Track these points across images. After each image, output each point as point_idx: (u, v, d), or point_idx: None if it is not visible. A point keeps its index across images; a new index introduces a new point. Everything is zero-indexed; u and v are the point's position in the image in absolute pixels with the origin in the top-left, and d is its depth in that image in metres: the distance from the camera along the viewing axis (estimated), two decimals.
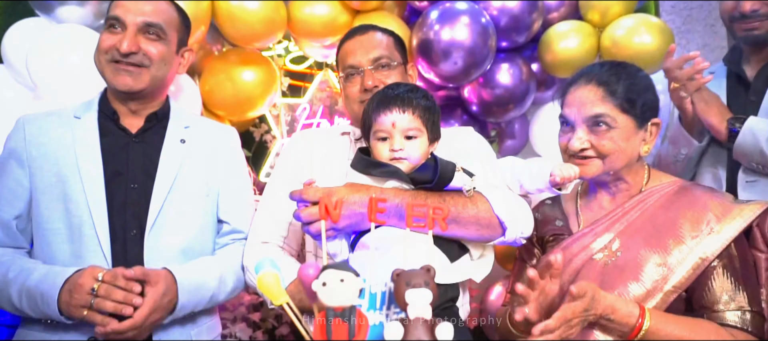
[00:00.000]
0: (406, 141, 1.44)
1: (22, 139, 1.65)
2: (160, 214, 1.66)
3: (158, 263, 1.62)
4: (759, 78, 1.87)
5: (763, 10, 1.82)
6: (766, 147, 1.70)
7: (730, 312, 1.37)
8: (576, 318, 1.30)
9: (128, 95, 1.67)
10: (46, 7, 2.28)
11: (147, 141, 1.71)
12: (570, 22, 2.50)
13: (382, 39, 1.78)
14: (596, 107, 1.49)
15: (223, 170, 1.79)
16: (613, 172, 1.53)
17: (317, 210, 1.34)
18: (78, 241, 1.59)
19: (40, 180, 1.63)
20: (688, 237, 1.43)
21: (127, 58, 1.61)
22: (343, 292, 0.67)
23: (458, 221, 1.43)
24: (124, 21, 1.63)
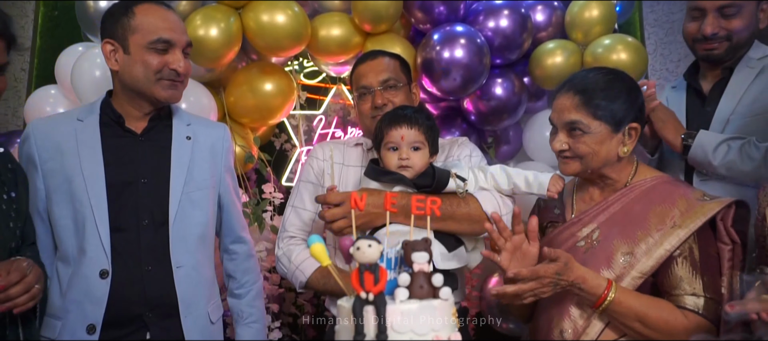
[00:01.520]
0: (412, 152, 1.67)
1: (32, 144, 1.72)
2: (179, 205, 1.74)
3: (182, 248, 1.73)
4: (713, 92, 1.97)
5: (721, 33, 1.90)
6: (712, 158, 1.80)
7: (686, 296, 1.47)
8: (548, 278, 1.43)
9: (160, 103, 1.75)
10: (92, 29, 2.46)
11: (153, 139, 1.77)
12: (556, 41, 2.62)
13: (390, 63, 1.97)
14: (572, 114, 1.56)
15: (223, 164, 1.89)
16: (591, 170, 1.60)
17: (338, 211, 1.63)
18: (82, 236, 1.66)
19: (52, 180, 1.70)
20: (654, 230, 1.51)
21: (179, 78, 1.73)
22: (370, 253, 0.93)
23: (453, 217, 1.66)
24: (174, 43, 1.71)
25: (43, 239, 1.69)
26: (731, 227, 1.49)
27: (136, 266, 1.66)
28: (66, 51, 2.57)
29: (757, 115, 1.85)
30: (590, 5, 2.56)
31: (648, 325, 1.44)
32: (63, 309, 1.63)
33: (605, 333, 1.49)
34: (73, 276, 1.64)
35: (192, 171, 1.79)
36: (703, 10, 1.92)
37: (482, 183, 1.74)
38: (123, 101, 1.77)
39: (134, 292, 1.65)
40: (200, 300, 1.76)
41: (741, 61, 1.95)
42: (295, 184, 2.06)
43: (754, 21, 1.92)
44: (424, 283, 0.95)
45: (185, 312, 1.70)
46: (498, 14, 2.53)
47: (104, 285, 1.62)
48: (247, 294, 1.91)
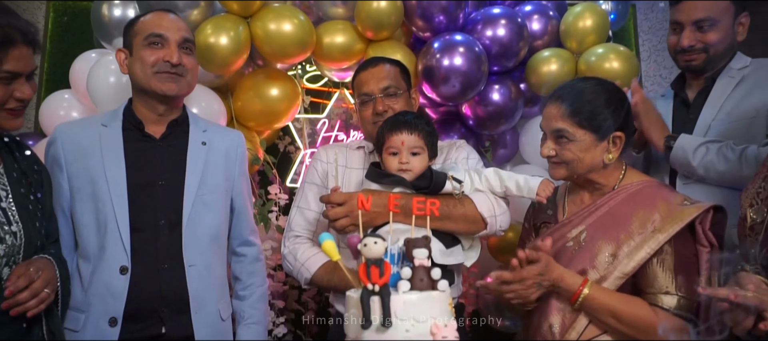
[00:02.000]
0: (412, 157, 1.75)
1: (59, 147, 1.81)
2: (192, 207, 1.82)
3: (195, 248, 1.80)
4: (697, 100, 2.06)
5: (698, 46, 1.98)
6: (691, 159, 1.88)
7: (660, 295, 1.54)
8: (530, 279, 1.52)
9: (165, 100, 1.83)
10: (106, 37, 2.58)
11: (171, 144, 1.87)
12: (552, 49, 2.70)
13: (390, 70, 2.04)
14: (558, 123, 1.64)
15: (237, 169, 1.98)
16: (577, 175, 1.68)
17: (341, 210, 1.71)
18: (103, 234, 1.74)
19: (76, 181, 1.79)
20: (636, 234, 1.58)
21: (174, 68, 1.80)
22: (376, 249, 1.03)
23: (450, 217, 1.74)
24: (167, 38, 1.81)
25: (66, 236, 1.77)
26: (709, 230, 1.55)
27: (152, 264, 1.75)
28: (80, 57, 2.66)
29: (736, 121, 1.94)
30: (584, 15, 2.65)
31: (621, 321, 1.52)
32: (85, 302, 1.72)
33: (590, 328, 1.57)
34: (94, 271, 1.73)
35: (206, 175, 1.87)
36: (681, 24, 2.01)
37: (477, 185, 1.82)
38: (139, 104, 1.87)
39: (151, 288, 1.74)
40: (211, 297, 1.84)
41: (723, 71, 2.03)
42: (300, 185, 2.13)
43: (731, 33, 2.00)
44: (423, 276, 1.06)
45: (196, 309, 1.79)
46: (495, 23, 2.60)
47: (124, 280, 1.72)
48: (250, 295, 1.98)
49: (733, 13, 2.00)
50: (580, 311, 1.57)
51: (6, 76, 1.42)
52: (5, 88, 1.44)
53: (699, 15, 1.97)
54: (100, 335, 1.70)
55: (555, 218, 1.77)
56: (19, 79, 1.46)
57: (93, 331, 1.71)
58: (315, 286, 2.02)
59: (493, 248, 2.70)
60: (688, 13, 1.99)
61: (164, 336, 1.75)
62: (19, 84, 1.46)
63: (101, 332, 1.70)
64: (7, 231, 1.45)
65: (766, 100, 1.91)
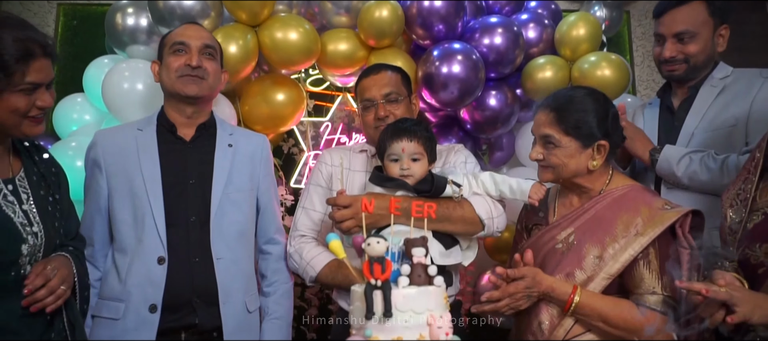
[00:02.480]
0: (412, 162, 1.82)
1: (99, 150, 1.95)
2: (219, 205, 1.93)
3: (222, 243, 1.91)
4: (681, 108, 2.14)
5: (680, 56, 2.08)
6: (676, 169, 1.97)
7: (647, 295, 1.61)
8: (519, 294, 1.60)
9: (190, 101, 1.96)
10: (120, 45, 2.68)
11: (200, 146, 1.99)
12: (547, 57, 2.79)
13: (392, 77, 2.12)
14: (546, 129, 1.72)
15: (262, 170, 2.09)
16: (562, 179, 1.76)
17: (347, 212, 1.79)
18: (141, 228, 1.85)
19: (114, 181, 1.91)
20: (620, 237, 1.64)
21: (194, 71, 1.93)
22: (378, 248, 1.13)
23: (450, 219, 1.81)
24: (188, 44, 1.95)
25: (101, 232, 1.92)
26: (688, 233, 1.63)
27: (185, 257, 1.86)
28: (93, 63, 2.76)
29: (717, 129, 2.03)
30: (578, 24, 2.75)
31: (610, 323, 1.60)
32: (125, 292, 1.83)
33: (576, 327, 1.65)
34: (131, 264, 1.84)
35: (232, 175, 1.99)
36: (663, 36, 2.11)
37: (475, 189, 1.90)
38: (169, 108, 2.01)
39: (184, 280, 1.85)
40: (238, 290, 1.94)
41: (706, 80, 2.12)
42: (305, 187, 2.21)
43: (711, 45, 2.09)
44: (421, 273, 1.16)
45: (223, 300, 1.89)
46: (493, 32, 2.68)
47: (162, 270, 1.83)
48: (275, 292, 2.08)
49: (713, 26, 2.09)
50: (570, 315, 1.64)
51: (28, 87, 1.51)
52: (28, 98, 1.52)
53: (679, 28, 2.07)
54: (141, 322, 1.81)
55: (546, 220, 1.85)
56: (40, 89, 1.55)
57: (134, 319, 1.81)
58: (319, 284, 2.10)
59: (489, 248, 2.79)
60: (669, 26, 2.08)
61: (197, 326, 1.86)
62: (40, 93, 1.55)
63: (142, 319, 1.81)
64: (29, 232, 1.55)
65: (744, 109, 2.00)
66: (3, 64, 1.45)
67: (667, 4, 2.11)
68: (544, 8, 3.05)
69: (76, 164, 2.54)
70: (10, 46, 1.45)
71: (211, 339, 1.88)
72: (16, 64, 1.46)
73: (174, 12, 2.41)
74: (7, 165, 1.61)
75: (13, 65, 1.46)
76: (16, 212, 1.54)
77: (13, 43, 1.46)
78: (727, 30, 2.12)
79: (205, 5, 2.44)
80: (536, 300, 1.69)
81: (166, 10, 2.40)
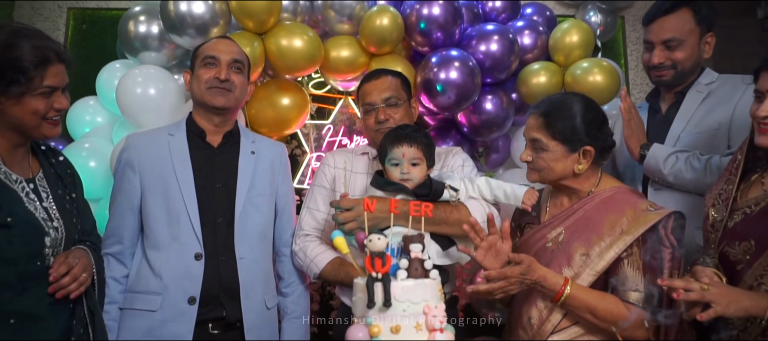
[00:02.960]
0: (412, 167, 1.89)
1: (132, 152, 2.05)
2: (243, 208, 2.04)
3: (245, 243, 2.02)
4: (669, 112, 2.23)
5: (667, 63, 2.16)
6: (662, 167, 2.04)
7: (631, 292, 1.67)
8: (514, 278, 1.66)
9: (218, 111, 2.07)
10: (132, 51, 2.78)
11: (226, 153, 2.10)
12: (541, 63, 2.87)
13: (392, 82, 2.19)
14: (535, 133, 1.78)
15: (281, 176, 2.20)
16: (549, 181, 1.83)
17: (350, 214, 1.87)
18: (176, 226, 1.97)
19: (148, 181, 2.02)
20: (606, 236, 1.71)
21: (223, 84, 2.04)
22: (379, 244, 1.24)
23: (447, 222, 1.89)
24: (219, 58, 2.06)
25: (132, 229, 2.02)
26: (670, 233, 1.69)
27: (213, 255, 1.98)
28: (106, 68, 2.86)
29: (702, 133, 2.12)
30: (571, 31, 2.84)
31: (597, 316, 1.67)
32: (161, 285, 1.94)
33: (563, 321, 1.73)
34: (166, 259, 1.96)
35: (254, 180, 2.10)
36: (652, 43, 2.20)
37: (471, 193, 1.98)
38: (198, 116, 2.13)
39: (213, 277, 1.97)
40: (258, 288, 2.05)
41: (692, 86, 2.21)
42: (309, 188, 2.29)
43: (698, 52, 2.19)
44: (418, 267, 1.27)
45: (245, 296, 2.00)
46: (489, 39, 2.77)
47: (199, 265, 1.95)
48: (292, 293, 2.19)
49: (699, 34, 2.18)
50: (560, 307, 1.71)
51: (46, 90, 1.63)
52: (46, 100, 1.64)
53: (667, 35, 2.15)
54: (180, 314, 1.93)
55: (538, 219, 1.93)
56: (57, 92, 1.67)
57: (172, 310, 1.93)
58: (323, 280, 2.20)
59: None
60: (658, 33, 2.17)
61: (225, 318, 1.98)
62: (57, 96, 1.67)
63: (181, 311, 1.93)
64: (50, 226, 1.66)
65: (727, 114, 2.09)
66: (23, 69, 1.57)
67: (655, 12, 2.19)
68: (540, 15, 3.13)
69: (89, 165, 2.66)
70: (28, 53, 1.58)
71: (233, 330, 2.00)
72: (34, 69, 1.58)
73: (185, 20, 2.51)
74: (27, 166, 1.72)
75: (32, 70, 1.58)
76: (38, 209, 1.66)
77: (31, 50, 1.59)
78: (713, 38, 2.21)
79: (214, 14, 2.55)
80: (525, 293, 1.77)
81: (177, 18, 2.51)
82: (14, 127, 1.65)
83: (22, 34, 1.61)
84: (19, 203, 1.62)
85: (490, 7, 3.06)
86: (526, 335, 1.79)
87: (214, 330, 1.98)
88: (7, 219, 1.56)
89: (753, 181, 1.74)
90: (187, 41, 2.62)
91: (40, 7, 3.70)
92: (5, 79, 1.57)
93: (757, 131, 1.67)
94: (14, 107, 1.61)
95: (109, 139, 2.87)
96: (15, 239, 1.56)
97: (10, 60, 1.57)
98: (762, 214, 1.65)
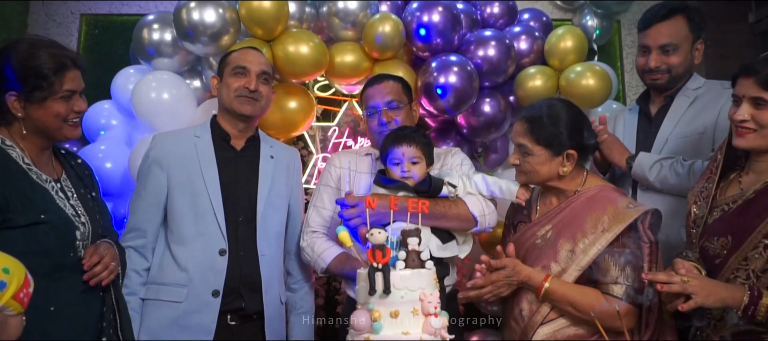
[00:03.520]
0: (412, 165, 2.00)
1: (161, 150, 2.17)
2: (264, 208, 2.16)
3: (265, 241, 2.16)
4: (658, 115, 2.31)
5: (663, 67, 2.24)
6: (648, 174, 2.13)
7: (611, 285, 1.77)
8: (501, 282, 1.77)
9: (244, 118, 2.20)
10: (146, 57, 2.90)
11: (248, 156, 2.23)
12: (537, 67, 2.96)
13: (394, 86, 2.31)
14: (521, 138, 1.87)
15: (294, 179, 2.35)
16: (535, 183, 1.92)
17: (355, 210, 1.99)
18: (202, 223, 2.09)
19: (175, 179, 2.13)
20: (589, 233, 1.79)
21: (252, 93, 2.17)
22: (380, 237, 1.35)
23: (446, 217, 2.01)
24: (249, 69, 2.18)
25: (156, 224, 2.15)
26: (648, 229, 1.78)
27: (235, 251, 2.11)
28: (120, 73, 2.98)
29: (688, 136, 2.22)
30: (565, 37, 2.94)
31: (578, 308, 1.77)
32: (187, 278, 2.08)
33: (551, 314, 1.82)
34: (191, 253, 2.09)
35: (273, 182, 2.24)
36: (648, 48, 2.28)
37: (469, 189, 2.09)
38: (223, 121, 2.25)
39: (234, 271, 2.10)
40: (276, 282, 2.22)
41: (681, 90, 2.31)
42: (316, 187, 2.41)
43: (690, 58, 2.29)
44: (415, 258, 1.39)
45: (265, 290, 2.15)
46: (486, 44, 2.86)
47: (223, 260, 2.09)
48: (300, 289, 2.34)
49: (692, 40, 2.28)
50: (544, 301, 1.81)
51: (66, 94, 1.77)
52: (66, 104, 1.78)
53: (664, 40, 2.24)
54: (204, 305, 2.07)
55: (529, 217, 2.01)
56: (75, 96, 1.81)
57: (197, 301, 2.07)
58: (329, 274, 2.33)
59: (483, 243, 2.97)
60: (655, 38, 2.25)
61: (244, 309, 2.12)
62: (76, 99, 1.81)
63: (205, 302, 2.07)
64: (79, 222, 1.81)
65: (712, 119, 2.19)
66: (44, 75, 1.72)
67: (652, 18, 2.27)
68: (536, 20, 3.23)
69: (105, 166, 2.79)
70: (47, 60, 1.73)
71: (252, 321, 2.16)
72: (54, 74, 1.73)
73: (197, 28, 2.64)
74: (52, 168, 1.86)
75: (52, 76, 1.73)
76: (67, 206, 1.80)
77: (50, 57, 1.74)
78: (703, 44, 2.31)
79: (225, 23, 2.67)
80: (517, 288, 1.87)
81: (190, 26, 2.64)
82: (39, 130, 1.79)
83: (39, 44, 1.76)
84: (51, 200, 1.76)
85: (488, 13, 3.15)
86: (517, 326, 1.88)
87: (233, 321, 2.11)
88: (41, 216, 1.70)
89: (731, 180, 1.83)
90: (199, 48, 2.74)
91: (54, 14, 3.78)
92: (29, 85, 1.72)
93: (735, 133, 1.76)
94: (38, 110, 1.75)
95: (123, 141, 2.99)
96: (49, 233, 1.70)
97: (31, 68, 1.72)
98: (738, 211, 1.73)
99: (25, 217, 1.67)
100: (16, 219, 1.66)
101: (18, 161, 1.74)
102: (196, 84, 3.02)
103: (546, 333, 1.83)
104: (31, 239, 1.67)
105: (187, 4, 2.65)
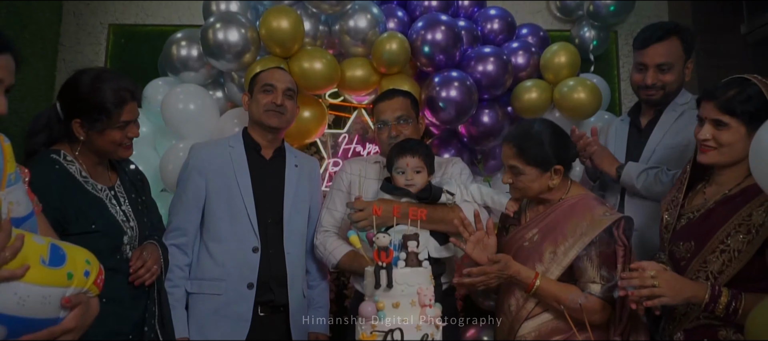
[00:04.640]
0: (415, 174, 2.16)
1: (199, 158, 2.39)
2: (290, 211, 2.38)
3: (291, 240, 2.36)
4: (648, 127, 2.43)
5: (658, 84, 2.36)
6: (635, 183, 2.27)
7: (589, 284, 1.89)
8: (493, 273, 1.88)
9: (272, 130, 2.42)
10: (174, 71, 3.11)
11: (275, 165, 2.46)
12: (533, 81, 3.10)
13: (404, 102, 2.46)
14: (511, 160, 1.98)
15: (314, 186, 2.57)
16: (529, 197, 2.03)
17: (364, 214, 2.17)
18: (237, 224, 2.31)
19: (213, 185, 2.35)
20: (569, 237, 1.90)
21: (278, 108, 2.38)
22: (384, 240, 1.52)
23: (444, 221, 2.13)
24: (276, 86, 2.39)
25: (196, 223, 2.38)
26: (622, 234, 1.90)
27: (264, 249, 2.35)
28: (150, 84, 3.18)
29: (674, 148, 2.35)
30: (559, 53, 3.12)
31: (562, 304, 1.89)
32: (225, 272, 2.31)
33: (536, 308, 1.96)
34: (227, 251, 2.33)
35: (298, 188, 2.47)
36: (645, 65, 2.39)
37: (466, 197, 2.27)
38: (253, 132, 2.47)
39: (265, 267, 2.35)
40: (299, 278, 2.44)
41: (670, 105, 2.43)
42: (329, 191, 2.60)
43: (682, 75, 2.45)
44: (413, 258, 1.59)
45: (291, 285, 2.37)
46: (486, 60, 3.02)
47: (256, 257, 2.34)
48: (318, 286, 2.57)
49: (684, 60, 2.44)
50: (533, 297, 1.94)
51: (123, 124, 2.00)
52: (122, 132, 2.00)
53: (660, 59, 2.36)
54: (241, 297, 2.31)
55: (519, 221, 2.14)
56: (130, 124, 2.00)
57: (234, 293, 2.30)
58: (340, 269, 2.54)
59: None
60: (653, 57, 2.37)
61: (273, 301, 2.34)
62: (131, 127, 2.04)
63: (241, 294, 2.30)
64: (127, 226, 2.03)
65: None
66: (106, 109, 1.94)
67: (649, 38, 2.38)
68: (534, 35, 3.39)
69: None
70: (110, 96, 1.94)
71: (278, 312, 2.38)
72: (114, 109, 1.93)
73: (221, 46, 2.86)
74: (107, 177, 2.09)
75: (113, 110, 1.94)
76: (118, 212, 2.03)
77: (112, 93, 1.92)
78: (692, 63, 2.48)
79: (247, 42, 2.89)
80: (507, 285, 2.05)
81: (216, 45, 2.87)
82: (96, 151, 2.02)
83: (103, 78, 1.96)
84: (105, 209, 1.99)
85: (488, 29, 3.32)
86: (506, 320, 2.03)
87: (262, 312, 2.36)
88: (92, 226, 1.92)
89: (698, 190, 1.96)
90: (223, 64, 2.96)
91: (84, 24, 3.96)
92: (91, 117, 1.94)
93: (699, 150, 1.92)
94: (98, 137, 1.98)
95: (152, 146, 3.21)
96: (100, 240, 1.91)
97: (95, 102, 1.93)
98: (701, 219, 1.86)
99: (78, 226, 1.86)
100: (71, 229, 1.84)
101: (76, 176, 1.93)
102: (218, 95, 3.23)
103: (531, 327, 1.98)
104: (84, 244, 1.88)
105: (213, 24, 2.87)
